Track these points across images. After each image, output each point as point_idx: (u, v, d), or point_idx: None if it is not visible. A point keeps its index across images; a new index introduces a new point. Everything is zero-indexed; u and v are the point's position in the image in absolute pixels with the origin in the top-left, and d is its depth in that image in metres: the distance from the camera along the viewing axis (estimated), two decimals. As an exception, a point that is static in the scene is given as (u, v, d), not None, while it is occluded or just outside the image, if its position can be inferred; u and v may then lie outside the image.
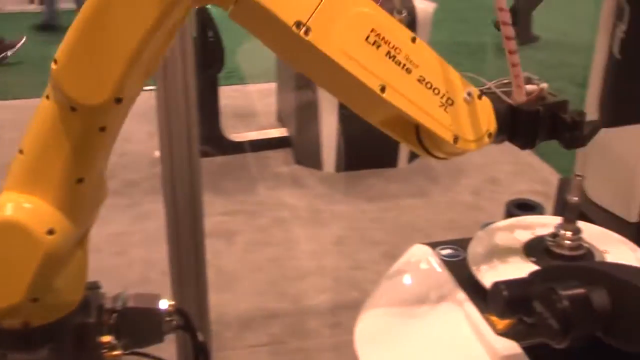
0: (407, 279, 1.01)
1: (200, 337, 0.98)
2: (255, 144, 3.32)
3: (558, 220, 0.95)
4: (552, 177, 2.75)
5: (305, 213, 2.76)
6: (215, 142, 3.24)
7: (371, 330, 0.92)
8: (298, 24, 0.73)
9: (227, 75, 4.09)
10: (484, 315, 0.88)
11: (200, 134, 3.15)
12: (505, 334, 0.85)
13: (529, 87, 0.87)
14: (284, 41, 0.77)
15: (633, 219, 1.20)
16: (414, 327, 0.91)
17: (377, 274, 1.02)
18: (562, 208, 0.97)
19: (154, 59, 0.77)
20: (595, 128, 0.89)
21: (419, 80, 0.80)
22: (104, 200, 0.87)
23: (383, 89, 0.78)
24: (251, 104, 3.92)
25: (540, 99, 0.88)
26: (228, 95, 3.90)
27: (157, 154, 1.44)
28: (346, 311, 1.46)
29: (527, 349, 0.83)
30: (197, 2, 0.73)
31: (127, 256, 2.47)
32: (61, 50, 0.73)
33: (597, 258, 0.95)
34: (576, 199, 0.93)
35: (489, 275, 0.91)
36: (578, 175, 0.91)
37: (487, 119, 0.85)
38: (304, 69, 0.84)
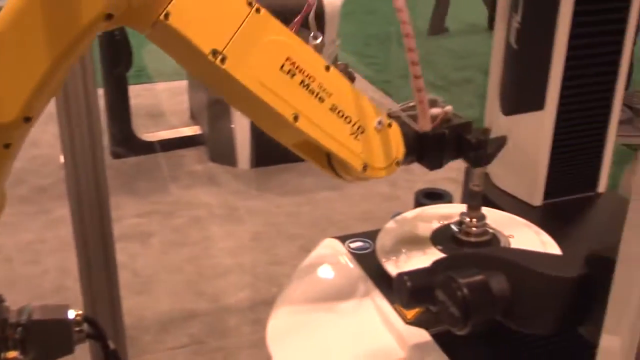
0: (317, 274, 1.02)
1: (111, 345, 0.97)
2: (168, 143, 3.28)
3: (464, 207, 0.98)
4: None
5: (221, 210, 2.74)
6: (127, 142, 3.18)
7: (283, 327, 0.93)
8: (214, 52, 0.73)
9: (136, 74, 4.02)
10: (394, 306, 0.89)
11: (112, 135, 3.12)
12: (414, 322, 0.86)
13: (434, 110, 0.89)
14: (200, 66, 0.77)
15: (537, 202, 1.23)
16: (325, 322, 0.91)
17: (295, 268, 1.03)
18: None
19: (64, 74, 0.76)
20: (499, 145, 0.92)
21: (331, 109, 0.81)
22: (3, 211, 0.84)
23: (296, 118, 0.79)
24: (162, 102, 3.86)
25: (446, 121, 0.90)
26: (138, 94, 3.84)
27: (62, 159, 1.40)
28: (265, 307, 1.45)
29: (436, 336, 0.84)
30: (113, 25, 0.71)
31: (40, 265, 2.40)
32: None
33: (503, 243, 0.98)
34: (478, 186, 0.96)
35: (396, 266, 0.93)
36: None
37: (396, 147, 0.88)
38: (218, 92, 0.84)
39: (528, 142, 1.20)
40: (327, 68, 0.82)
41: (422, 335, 0.85)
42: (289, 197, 2.80)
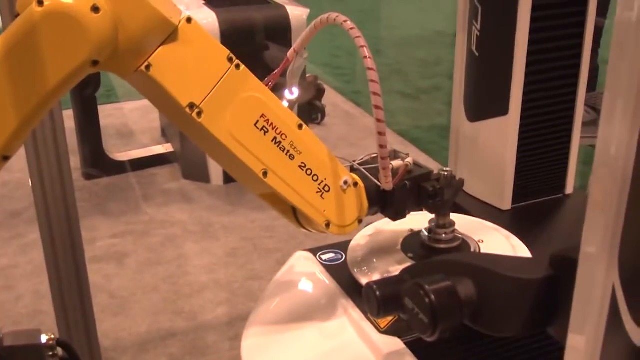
0: (289, 288, 1.02)
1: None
2: (141, 162, 3.26)
3: (434, 215, 0.99)
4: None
5: (196, 227, 2.73)
6: (99, 163, 3.16)
7: (257, 343, 0.93)
8: (191, 106, 0.75)
9: (106, 94, 4.00)
10: (367, 316, 0.90)
11: (83, 156, 3.10)
12: (388, 331, 0.87)
13: (395, 163, 0.92)
14: (175, 113, 0.78)
15: (506, 207, 1.25)
16: (299, 335, 0.91)
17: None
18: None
19: (44, 115, 0.76)
20: (456, 190, 0.94)
21: (300, 167, 0.84)
22: None
23: (265, 174, 0.81)
24: (133, 121, 3.84)
25: (407, 172, 0.93)
26: (109, 114, 3.81)
27: (30, 182, 1.39)
28: (244, 323, 1.44)
29: (410, 344, 0.85)
30: (97, 70, 0.72)
31: (14, 290, 2.37)
32: None
33: (472, 248, 0.99)
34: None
35: (367, 276, 0.93)
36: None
37: (360, 206, 0.90)
38: (192, 138, 0.86)
39: (494, 147, 1.21)
40: (300, 126, 0.84)
41: (396, 343, 0.85)
42: (264, 212, 2.79)
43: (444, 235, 0.97)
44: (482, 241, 1.00)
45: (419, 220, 1.03)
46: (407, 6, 6.85)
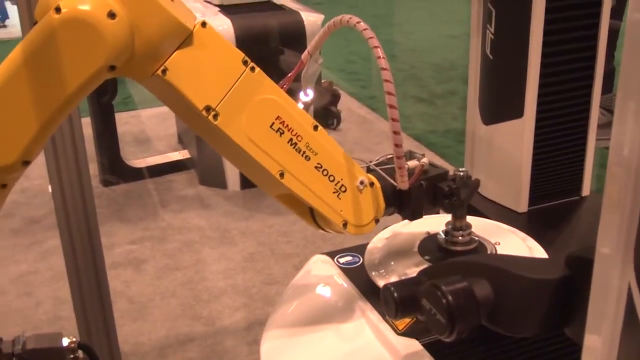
0: (308, 291, 1.03)
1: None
2: (158, 169, 3.28)
3: (450, 217, 0.99)
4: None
5: (213, 233, 2.74)
6: (117, 170, 3.18)
7: (276, 347, 0.93)
8: (207, 109, 0.76)
9: (123, 101, 4.03)
10: (385, 318, 0.90)
11: (101, 163, 3.13)
12: (405, 333, 0.87)
13: (411, 163, 0.93)
14: (192, 116, 0.79)
15: (522, 209, 1.25)
16: (317, 338, 0.92)
17: (289, 287, 1.04)
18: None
19: (63, 119, 0.78)
20: (472, 190, 0.95)
21: (316, 168, 0.85)
22: None
23: (282, 175, 0.82)
24: (150, 128, 3.87)
25: (423, 172, 0.93)
26: (126, 122, 3.85)
27: (50, 189, 1.41)
28: (262, 327, 1.45)
29: (427, 345, 0.85)
30: (114, 75, 0.74)
31: (34, 297, 2.39)
32: None
33: (489, 250, 0.99)
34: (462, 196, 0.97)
35: (385, 279, 0.94)
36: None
37: (376, 206, 0.91)
38: (209, 141, 0.87)
39: (510, 149, 1.22)
40: (315, 128, 0.85)
41: (413, 345, 0.86)
42: (281, 217, 2.81)
43: (460, 238, 0.98)
44: (499, 243, 1.00)
45: (435, 223, 1.03)
46: (421, 11, 6.85)
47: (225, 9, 2.97)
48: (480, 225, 1.03)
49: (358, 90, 4.39)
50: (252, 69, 0.79)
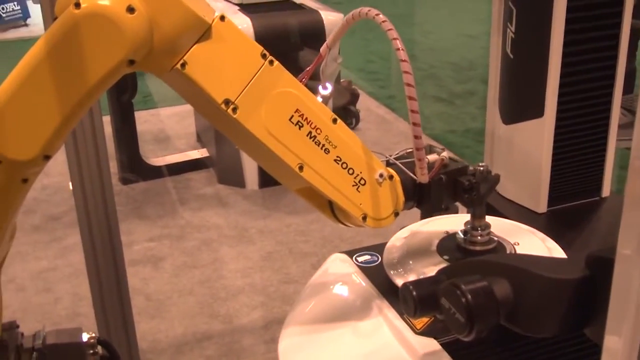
0: (326, 289, 1.03)
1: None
2: (176, 167, 3.30)
3: (469, 217, 0.99)
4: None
5: (231, 232, 2.75)
6: (136, 168, 3.20)
7: (294, 345, 0.94)
8: (226, 102, 0.77)
9: (143, 100, 4.05)
10: (403, 317, 0.90)
11: (120, 161, 3.15)
12: (424, 332, 0.87)
13: (431, 157, 0.93)
14: (211, 111, 0.80)
15: (541, 209, 1.24)
16: (336, 336, 0.92)
17: (307, 286, 1.04)
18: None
19: (83, 114, 0.78)
20: (491, 185, 0.94)
21: (335, 161, 0.85)
22: (12, 240, 0.86)
23: (301, 168, 0.82)
24: (169, 127, 3.89)
25: (443, 166, 0.93)
26: (146, 120, 3.87)
27: (71, 186, 1.42)
28: (279, 326, 1.46)
29: (446, 345, 0.85)
30: (134, 70, 0.74)
31: (53, 293, 2.41)
32: None
33: (508, 250, 0.99)
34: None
35: (403, 278, 0.94)
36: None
37: (396, 199, 0.91)
38: (228, 135, 0.87)
39: (530, 149, 1.21)
40: (335, 120, 0.85)
41: (432, 344, 0.85)
42: (299, 216, 2.81)
43: (479, 238, 0.97)
44: (518, 244, 1.00)
45: (454, 223, 1.03)
46: (441, 10, 6.83)
47: (244, 8, 2.98)
48: (499, 225, 1.02)
49: (377, 89, 4.38)
50: (271, 62, 0.79)
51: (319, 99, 0.87)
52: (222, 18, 0.77)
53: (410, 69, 0.82)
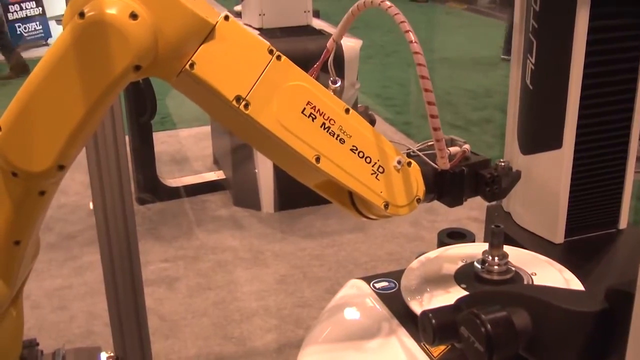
0: (343, 315, 1.03)
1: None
2: (192, 189, 3.32)
3: (487, 246, 0.99)
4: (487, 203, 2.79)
5: (246, 254, 2.76)
6: (153, 188, 3.23)
7: (311, 368, 0.94)
8: (238, 99, 0.77)
9: (161, 121, 4.09)
10: (420, 345, 0.90)
11: (137, 181, 3.17)
12: (440, 360, 0.87)
13: (453, 149, 0.93)
14: (223, 111, 0.80)
15: (558, 240, 1.24)
16: (352, 362, 0.92)
17: (321, 310, 1.05)
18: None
19: (95, 124, 0.79)
20: (513, 180, 0.94)
21: (351, 150, 0.85)
22: (36, 257, 0.87)
23: (318, 159, 0.83)
24: (186, 148, 3.92)
25: (465, 159, 0.93)
26: (163, 141, 3.90)
27: (92, 205, 1.44)
28: (292, 349, 1.45)
29: (462, 374, 0.85)
30: (141, 76, 0.75)
31: (68, 311, 2.43)
32: (6, 117, 0.74)
33: (526, 281, 0.99)
34: (500, 226, 0.97)
35: (421, 305, 0.94)
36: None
37: (416, 185, 0.90)
38: (242, 136, 0.88)
39: (547, 180, 1.21)
40: (347, 111, 0.85)
41: (448, 372, 0.86)
42: (314, 240, 2.82)
43: (497, 267, 0.97)
44: (535, 274, 1.00)
45: (471, 251, 1.04)
46: (459, 36, 6.86)
47: (264, 32, 3.00)
48: (516, 255, 1.03)
49: (393, 115, 4.40)
50: (279, 57, 0.80)
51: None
52: (226, 17, 0.77)
53: (425, 61, 0.82)
